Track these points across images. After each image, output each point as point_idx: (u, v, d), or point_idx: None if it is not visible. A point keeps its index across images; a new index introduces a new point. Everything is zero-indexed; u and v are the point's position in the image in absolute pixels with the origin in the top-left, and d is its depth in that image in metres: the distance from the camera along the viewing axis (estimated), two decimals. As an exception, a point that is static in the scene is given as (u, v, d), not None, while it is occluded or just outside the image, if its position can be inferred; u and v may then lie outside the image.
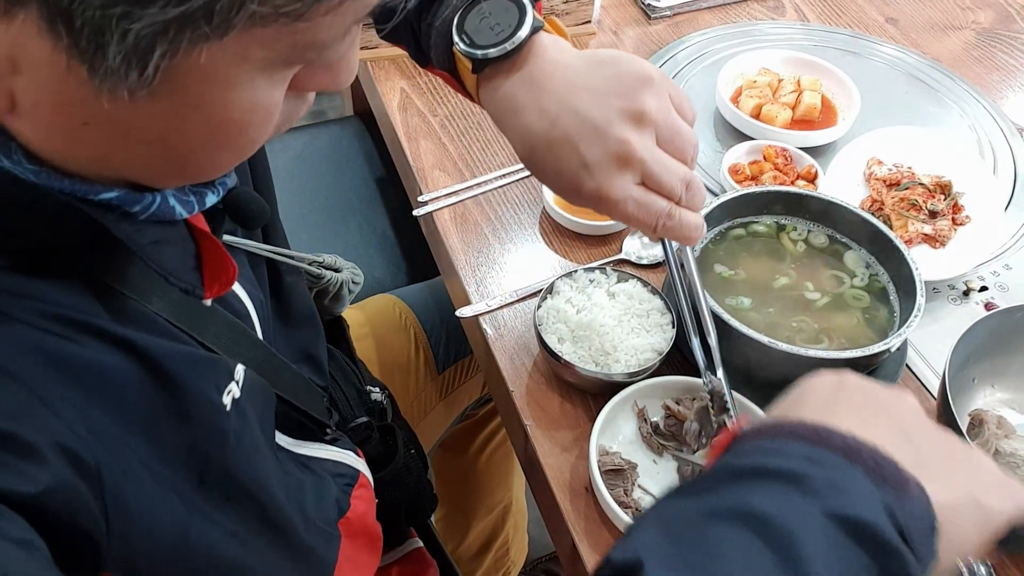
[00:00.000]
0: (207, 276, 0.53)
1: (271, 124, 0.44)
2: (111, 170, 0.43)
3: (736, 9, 1.36)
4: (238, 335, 0.56)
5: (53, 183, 0.41)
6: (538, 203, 1.01)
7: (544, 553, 1.69)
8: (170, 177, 0.46)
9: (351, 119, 1.60)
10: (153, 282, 0.49)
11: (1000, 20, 1.39)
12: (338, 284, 0.87)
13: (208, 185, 0.51)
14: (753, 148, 1.08)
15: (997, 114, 1.20)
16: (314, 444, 0.68)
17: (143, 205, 0.46)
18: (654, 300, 0.85)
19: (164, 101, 0.38)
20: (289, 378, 0.63)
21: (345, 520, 0.67)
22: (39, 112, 0.39)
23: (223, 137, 0.42)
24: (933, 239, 0.97)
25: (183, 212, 0.48)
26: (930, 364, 0.88)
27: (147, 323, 0.47)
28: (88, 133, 0.40)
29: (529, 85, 0.63)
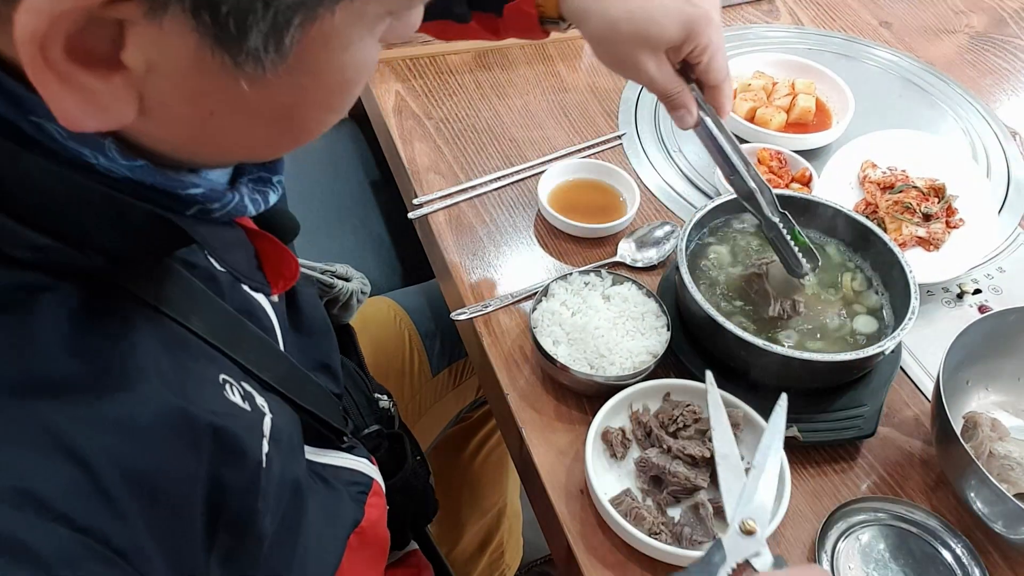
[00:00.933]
0: (269, 273, 0.55)
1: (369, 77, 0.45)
2: (227, 155, 0.44)
3: (730, 13, 1.37)
4: (266, 349, 0.56)
5: (147, 177, 0.41)
6: (533, 206, 1.01)
7: (539, 556, 1.69)
8: (282, 147, 0.47)
9: (346, 122, 1.60)
10: (192, 299, 0.49)
11: (993, 24, 1.40)
12: (348, 294, 0.87)
13: (268, 183, 0.52)
14: (748, 151, 1.08)
15: (990, 117, 1.20)
16: (332, 452, 0.68)
17: (223, 202, 0.46)
18: (649, 303, 0.85)
19: (290, 76, 0.39)
20: (312, 389, 0.63)
21: (359, 530, 0.67)
22: (165, 110, 0.39)
23: (335, 100, 0.43)
24: (927, 242, 0.97)
25: (252, 210, 0.49)
26: (924, 367, 0.88)
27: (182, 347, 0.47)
28: (213, 122, 0.40)
29: None
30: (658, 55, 0.73)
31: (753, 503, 0.65)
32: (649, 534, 0.70)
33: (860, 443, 0.82)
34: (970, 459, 0.70)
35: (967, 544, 0.73)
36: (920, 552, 0.73)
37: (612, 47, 0.75)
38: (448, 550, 1.42)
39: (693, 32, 0.72)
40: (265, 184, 0.52)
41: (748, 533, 0.63)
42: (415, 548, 0.90)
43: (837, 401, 0.81)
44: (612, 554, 0.72)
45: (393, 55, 1.19)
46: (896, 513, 0.75)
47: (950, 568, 0.72)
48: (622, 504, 0.72)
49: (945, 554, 0.73)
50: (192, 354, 0.48)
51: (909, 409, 0.85)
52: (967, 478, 0.71)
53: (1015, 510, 0.68)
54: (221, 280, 0.54)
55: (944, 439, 0.74)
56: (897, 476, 0.80)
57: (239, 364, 0.52)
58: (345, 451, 0.71)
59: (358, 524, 0.67)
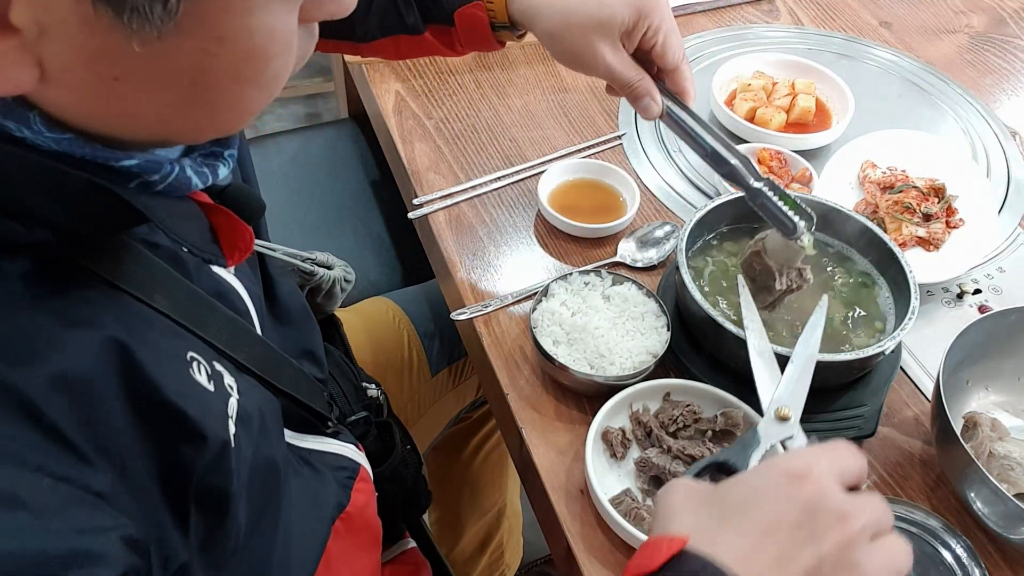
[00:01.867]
0: (225, 245, 0.55)
1: (291, 56, 0.44)
2: (144, 129, 0.44)
3: (731, 13, 1.37)
4: (239, 330, 0.56)
5: (75, 150, 0.41)
6: (533, 206, 1.01)
7: (539, 556, 1.69)
8: (204, 127, 0.46)
9: (346, 122, 1.60)
10: (154, 277, 0.49)
11: (993, 24, 1.40)
12: (330, 281, 0.87)
13: (219, 158, 0.52)
14: (748, 151, 1.08)
15: (990, 117, 1.20)
16: (316, 437, 0.69)
17: (162, 174, 0.46)
18: (649, 303, 0.85)
19: (190, 38, 0.39)
20: (290, 373, 0.63)
21: (345, 515, 0.67)
22: (69, 75, 0.39)
23: (250, 69, 0.42)
24: (927, 242, 0.97)
25: (198, 183, 0.49)
26: (924, 367, 0.88)
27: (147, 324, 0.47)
28: (120, 88, 0.40)
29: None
30: (614, 42, 0.73)
31: (787, 395, 0.66)
32: (647, 533, 0.69)
33: (860, 443, 0.82)
34: (970, 459, 0.70)
35: (967, 544, 0.73)
36: (920, 552, 0.73)
37: (566, 40, 0.75)
38: (448, 550, 1.42)
39: (644, 12, 0.72)
40: (215, 158, 0.51)
41: (783, 420, 0.63)
42: (412, 546, 0.90)
43: (837, 401, 0.81)
44: (612, 554, 0.72)
45: (393, 55, 1.19)
46: (896, 513, 0.75)
47: (950, 568, 0.72)
48: (622, 504, 0.72)
49: (945, 554, 0.73)
50: (156, 330, 0.48)
51: (909, 409, 0.85)
52: (967, 478, 0.71)
53: (1015, 510, 0.68)
54: (187, 261, 0.54)
55: (944, 439, 0.73)
56: (897, 476, 0.80)
57: (210, 344, 0.52)
58: (330, 436, 0.71)
59: (343, 508, 0.67)
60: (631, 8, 0.72)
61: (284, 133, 1.56)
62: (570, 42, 0.75)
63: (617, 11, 0.72)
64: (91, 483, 0.39)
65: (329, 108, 2.64)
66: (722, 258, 0.89)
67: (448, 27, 0.80)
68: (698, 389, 0.79)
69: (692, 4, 1.35)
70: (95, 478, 0.40)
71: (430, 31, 0.81)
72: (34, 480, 0.37)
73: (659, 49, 0.74)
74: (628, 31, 0.73)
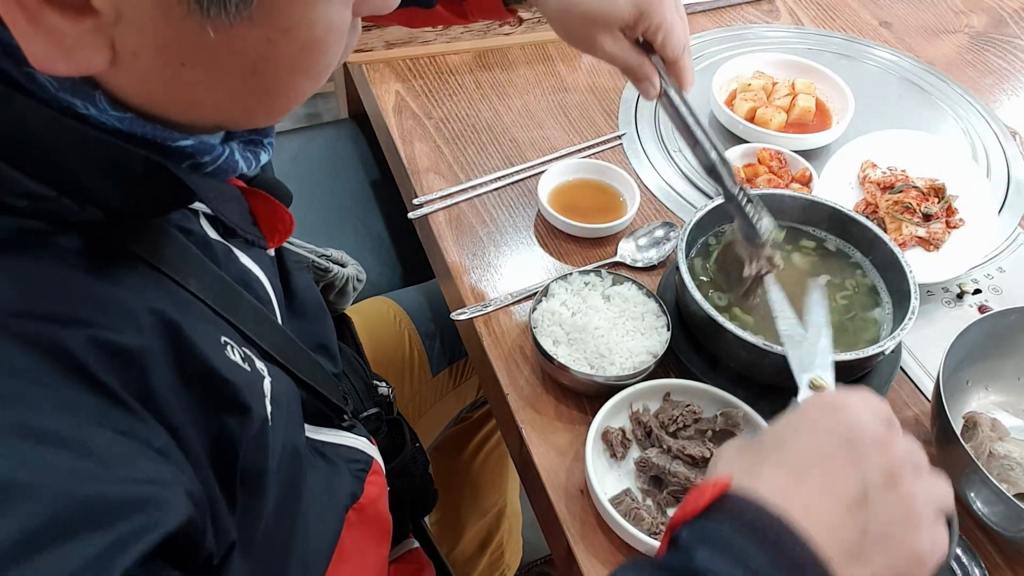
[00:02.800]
0: (264, 228, 0.56)
1: (342, 47, 0.46)
2: (201, 114, 0.45)
3: (731, 13, 1.37)
4: (263, 319, 0.57)
5: (135, 128, 0.43)
6: (533, 206, 1.01)
7: (539, 556, 1.69)
8: (255, 113, 0.47)
9: (346, 122, 1.60)
10: (190, 261, 0.50)
11: (993, 24, 1.40)
12: (344, 279, 0.88)
13: (260, 145, 0.53)
14: (747, 151, 1.08)
15: (990, 117, 1.21)
16: (331, 430, 0.69)
17: (213, 156, 0.47)
18: (649, 303, 0.85)
19: (258, 27, 0.40)
20: (308, 363, 0.64)
21: (358, 506, 0.67)
22: (138, 60, 0.40)
23: (306, 60, 0.44)
24: (927, 242, 0.97)
25: (244, 167, 0.50)
26: (924, 367, 0.88)
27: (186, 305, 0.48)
28: (185, 74, 0.41)
29: None
30: (613, 33, 0.74)
31: (815, 363, 0.66)
32: (649, 534, 0.70)
33: (860, 443, 0.82)
34: (970, 459, 0.70)
35: (967, 544, 0.73)
36: (920, 552, 0.73)
37: (568, 26, 0.76)
38: (448, 550, 1.42)
39: (645, 12, 0.72)
40: (256, 145, 0.53)
41: (818, 388, 0.64)
42: (416, 546, 0.90)
43: (837, 401, 0.81)
44: (612, 554, 0.72)
45: (393, 55, 1.19)
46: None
47: (950, 568, 0.72)
48: (622, 504, 0.72)
49: (945, 554, 0.73)
50: (193, 313, 0.49)
51: (909, 409, 0.85)
52: (967, 478, 0.71)
53: (1015, 510, 0.68)
54: (216, 249, 0.55)
55: (944, 439, 0.74)
56: (897, 476, 0.80)
57: (238, 330, 0.53)
58: (345, 430, 0.71)
59: (357, 499, 0.68)
60: (633, 7, 0.72)
61: (284, 133, 1.56)
62: (572, 28, 0.76)
63: (618, 8, 0.72)
64: (151, 439, 0.40)
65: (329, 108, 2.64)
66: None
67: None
68: (698, 389, 0.79)
69: (692, 4, 1.35)
70: (155, 435, 0.41)
71: (442, 3, 0.83)
72: (99, 432, 0.38)
73: (660, 44, 0.75)
74: (628, 26, 0.74)
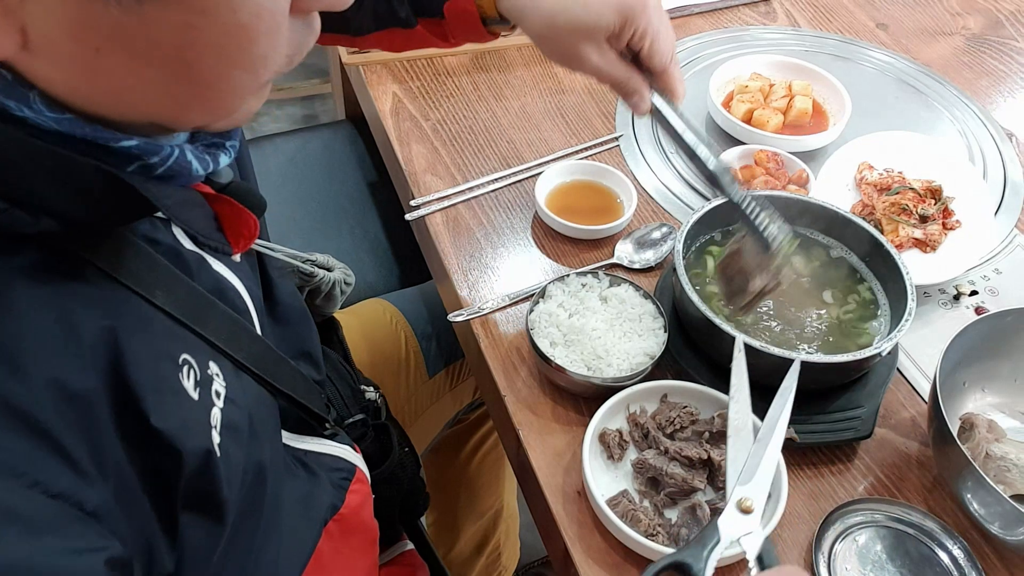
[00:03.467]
0: (229, 234, 0.55)
1: (279, 40, 0.44)
2: (132, 108, 0.43)
3: (728, 14, 1.37)
4: (238, 329, 0.56)
5: (75, 130, 0.41)
6: (530, 207, 1.01)
7: (536, 558, 1.69)
8: (193, 109, 0.45)
9: (343, 123, 1.60)
10: (156, 273, 0.49)
11: (989, 26, 1.40)
12: (330, 283, 0.87)
13: (220, 147, 0.51)
14: (745, 153, 1.08)
15: (986, 119, 1.21)
16: (312, 439, 0.69)
17: (161, 156, 0.45)
18: (646, 304, 0.85)
19: (172, 9, 0.38)
20: (288, 372, 0.63)
21: (339, 516, 0.67)
22: (52, 45, 0.39)
23: (234, 47, 0.42)
24: (924, 243, 0.98)
25: (199, 169, 0.48)
26: (921, 368, 0.88)
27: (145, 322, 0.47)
28: (103, 62, 0.40)
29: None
30: (599, 44, 0.73)
31: (754, 480, 0.65)
32: (646, 535, 0.70)
33: (857, 444, 0.82)
34: (967, 460, 0.70)
35: (964, 545, 0.73)
36: (917, 554, 0.73)
37: (553, 42, 0.75)
38: (445, 552, 1.42)
39: (630, 17, 0.71)
40: (217, 148, 0.51)
41: (745, 512, 0.63)
42: (410, 548, 0.90)
43: (834, 402, 0.81)
44: (609, 555, 0.72)
45: (390, 57, 1.19)
46: (893, 515, 0.76)
47: (947, 570, 0.72)
48: (619, 506, 0.72)
49: (942, 555, 0.73)
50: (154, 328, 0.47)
51: (906, 410, 0.85)
52: (964, 479, 0.71)
53: (1012, 511, 0.68)
54: (188, 259, 0.53)
55: (941, 440, 0.74)
56: (894, 477, 0.80)
57: (209, 342, 0.52)
58: (327, 438, 0.71)
59: (337, 510, 0.67)
60: (616, 12, 0.71)
61: (281, 135, 1.56)
62: (556, 43, 0.74)
63: (602, 16, 0.71)
64: (84, 501, 0.40)
65: (326, 110, 2.64)
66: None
67: (439, 19, 0.80)
68: (695, 391, 0.79)
69: (689, 6, 1.35)
70: (89, 494, 0.40)
71: (422, 24, 0.81)
72: (30, 496, 0.37)
73: (646, 52, 0.74)
74: (614, 34, 0.72)
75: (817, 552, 0.73)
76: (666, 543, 0.70)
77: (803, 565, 0.73)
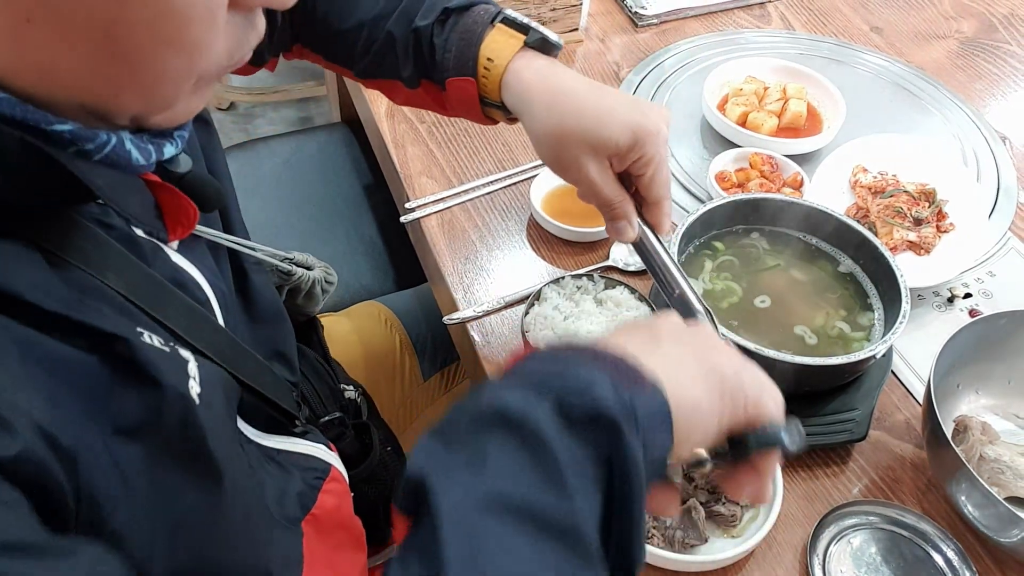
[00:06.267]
0: (168, 220, 0.54)
1: (215, 28, 0.43)
2: (61, 87, 0.42)
3: (722, 17, 1.37)
4: (198, 319, 0.55)
5: (6, 109, 0.40)
6: (525, 210, 1.01)
7: (531, 560, 1.69)
8: (125, 91, 0.44)
9: (338, 126, 1.60)
10: (107, 256, 0.48)
11: (983, 29, 1.41)
12: (310, 282, 0.86)
13: (167, 136, 0.50)
14: (739, 155, 1.08)
15: (980, 122, 1.21)
16: (282, 437, 0.67)
17: (97, 144, 0.44)
18: (641, 307, 0.85)
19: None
20: (254, 366, 0.61)
21: (311, 517, 0.66)
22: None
23: (167, 28, 0.41)
24: (918, 246, 0.98)
25: (140, 159, 0.47)
26: (915, 370, 0.88)
27: (103, 299, 0.46)
28: (32, 33, 0.38)
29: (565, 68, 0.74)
30: (601, 160, 0.70)
31: None
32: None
33: (852, 447, 0.82)
34: (961, 463, 0.70)
35: (958, 547, 0.73)
36: (911, 556, 0.74)
37: (554, 147, 0.71)
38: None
39: (641, 142, 0.69)
40: (163, 137, 0.50)
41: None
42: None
43: (829, 405, 0.81)
44: (604, 558, 0.72)
45: (385, 59, 1.19)
46: (887, 517, 0.76)
47: (941, 571, 0.73)
48: (614, 508, 0.72)
49: (936, 557, 0.73)
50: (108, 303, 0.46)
51: (900, 413, 0.85)
52: (958, 481, 0.72)
53: (1006, 513, 0.68)
54: (143, 246, 0.52)
55: (935, 443, 0.74)
56: (888, 480, 0.80)
57: (166, 328, 0.51)
58: (298, 436, 0.70)
59: (308, 510, 0.66)
60: (629, 133, 0.68)
61: (276, 137, 1.56)
62: (558, 149, 0.72)
63: (615, 134, 0.68)
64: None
65: (321, 112, 2.63)
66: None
67: (440, 89, 0.77)
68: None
69: (684, 9, 1.35)
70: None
71: (424, 88, 0.78)
72: None
73: (646, 180, 0.71)
74: (620, 155, 0.70)
75: (812, 554, 0.73)
76: (661, 545, 0.70)
77: (798, 568, 0.73)
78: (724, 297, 0.86)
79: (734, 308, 0.85)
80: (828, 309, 0.86)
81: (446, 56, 0.73)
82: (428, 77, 0.77)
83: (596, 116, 0.69)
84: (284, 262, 0.84)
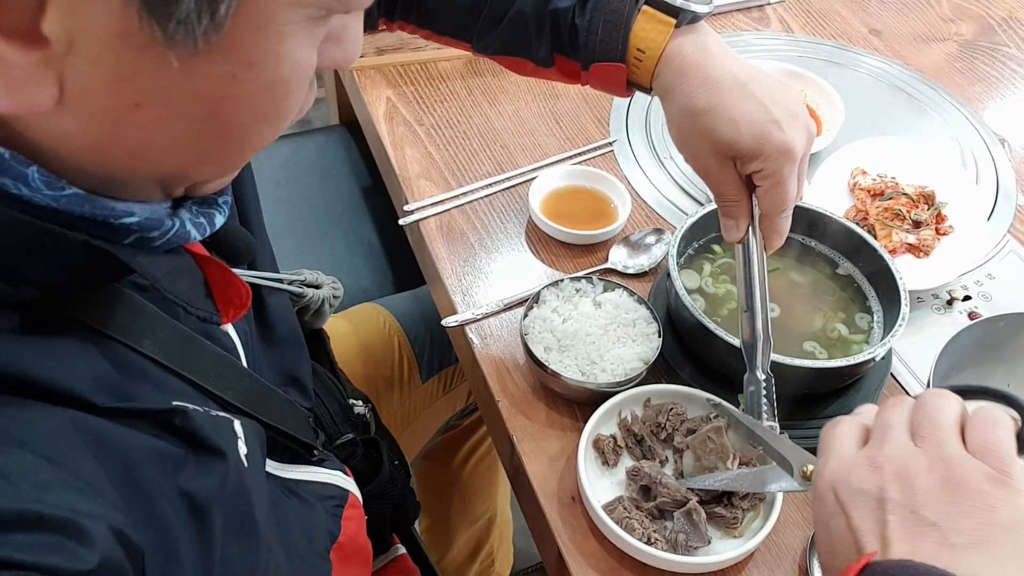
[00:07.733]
0: (219, 301, 0.53)
1: (304, 93, 0.43)
2: (150, 164, 0.42)
3: (721, 20, 1.37)
4: (225, 367, 0.55)
5: (74, 207, 0.40)
6: (524, 212, 1.01)
7: (530, 564, 1.69)
8: (207, 161, 0.44)
9: (337, 128, 1.60)
10: (142, 322, 0.47)
11: (982, 32, 1.41)
12: (320, 301, 0.86)
13: (214, 205, 0.50)
14: (738, 158, 1.08)
15: (979, 124, 1.21)
16: (301, 467, 0.67)
17: (162, 231, 0.44)
18: (640, 309, 0.85)
19: (222, 60, 0.37)
20: (276, 404, 0.62)
21: (338, 546, 0.65)
22: (87, 99, 0.36)
23: (270, 102, 0.41)
24: (917, 249, 0.98)
25: (196, 235, 0.47)
26: (914, 373, 0.88)
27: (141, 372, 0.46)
28: (138, 116, 0.38)
29: (718, 42, 0.71)
30: (723, 158, 0.70)
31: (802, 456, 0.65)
32: (643, 541, 0.69)
33: (851, 450, 0.81)
34: (961, 465, 0.69)
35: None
36: (911, 559, 0.73)
37: (683, 131, 0.71)
38: (439, 558, 1.42)
39: (764, 153, 0.67)
40: (210, 206, 0.50)
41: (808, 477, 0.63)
42: (403, 552, 0.89)
43: (828, 407, 0.81)
44: (604, 561, 0.72)
45: (384, 61, 1.19)
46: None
47: None
48: (615, 512, 0.72)
49: (936, 561, 0.73)
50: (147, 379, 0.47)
51: (900, 415, 0.85)
52: (958, 484, 0.71)
53: (1006, 516, 0.68)
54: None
55: (935, 445, 0.73)
56: (888, 482, 0.80)
57: (197, 386, 0.51)
58: (315, 465, 0.70)
59: (336, 539, 0.66)
60: (755, 144, 0.67)
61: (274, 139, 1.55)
62: (685, 138, 0.71)
63: (739, 141, 0.67)
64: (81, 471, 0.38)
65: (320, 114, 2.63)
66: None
67: (581, 69, 0.76)
68: (677, 392, 0.79)
69: (683, 11, 1.35)
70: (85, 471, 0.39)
71: (558, 62, 0.77)
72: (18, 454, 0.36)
73: (761, 192, 0.70)
74: (742, 160, 0.69)
75: (811, 558, 0.72)
76: (664, 548, 0.70)
77: (796, 570, 0.73)
78: (724, 303, 0.86)
79: (734, 315, 0.85)
80: (827, 312, 0.86)
81: (590, 39, 0.72)
82: (566, 56, 0.75)
83: (729, 118, 0.67)
84: (293, 285, 0.84)
